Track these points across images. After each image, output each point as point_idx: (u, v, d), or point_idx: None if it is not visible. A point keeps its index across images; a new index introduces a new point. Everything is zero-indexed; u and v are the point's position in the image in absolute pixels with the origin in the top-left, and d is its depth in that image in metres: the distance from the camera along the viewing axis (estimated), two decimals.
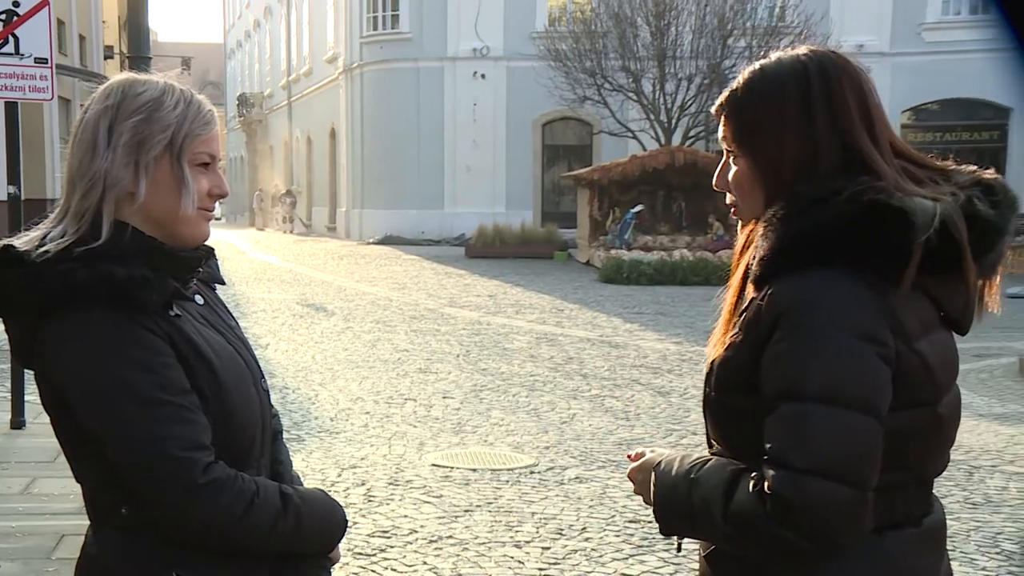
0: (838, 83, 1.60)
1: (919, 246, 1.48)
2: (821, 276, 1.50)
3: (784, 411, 1.48)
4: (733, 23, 25.24)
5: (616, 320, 14.26)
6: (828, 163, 1.57)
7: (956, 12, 30.31)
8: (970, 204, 1.55)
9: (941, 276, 1.54)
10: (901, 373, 1.51)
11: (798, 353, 1.49)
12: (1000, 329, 13.50)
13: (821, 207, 1.51)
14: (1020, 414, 8.40)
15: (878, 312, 1.49)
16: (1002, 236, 1.58)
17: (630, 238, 22.92)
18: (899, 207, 1.49)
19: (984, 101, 30.18)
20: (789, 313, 1.50)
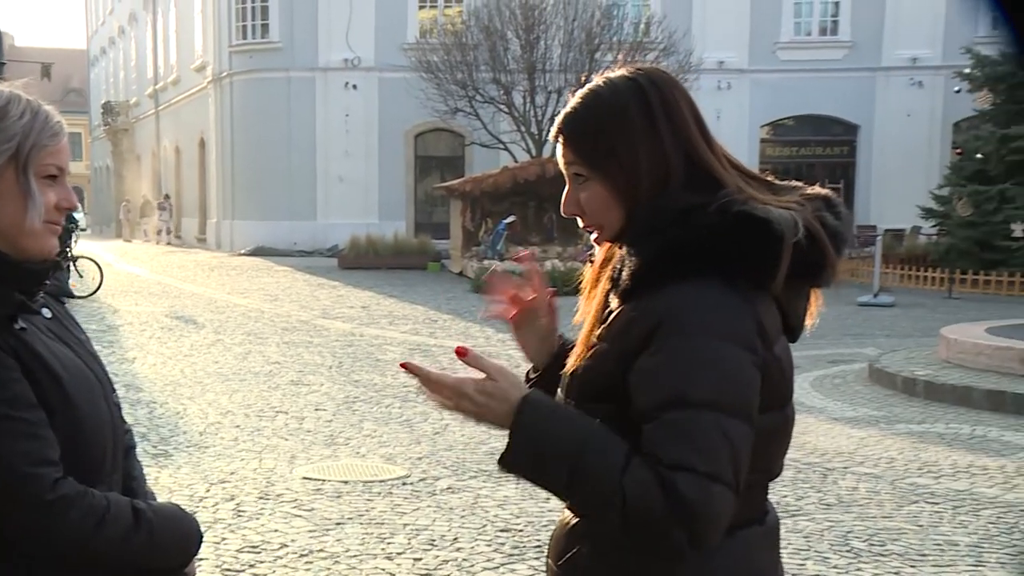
0: (673, 97, 1.63)
1: (788, 254, 1.52)
2: (695, 286, 1.52)
3: (672, 418, 1.49)
4: (600, 38, 25.77)
5: (489, 330, 14.38)
6: (677, 177, 1.60)
7: (807, 33, 31.64)
8: (820, 215, 1.60)
9: (790, 284, 1.57)
10: (764, 378, 1.54)
11: (680, 362, 1.50)
12: (852, 336, 14.13)
13: (691, 218, 1.54)
14: (870, 417, 8.78)
15: (750, 319, 1.53)
16: (846, 245, 1.64)
17: (502, 248, 23.10)
18: (763, 217, 1.53)
19: (835, 118, 31.51)
20: (667, 324, 1.51)
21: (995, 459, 7.29)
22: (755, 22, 30.98)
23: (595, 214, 1.66)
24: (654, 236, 1.56)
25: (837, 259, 1.61)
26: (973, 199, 21.43)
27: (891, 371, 10.27)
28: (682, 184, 1.59)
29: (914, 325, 15.42)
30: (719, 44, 30.36)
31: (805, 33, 31.68)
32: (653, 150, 1.60)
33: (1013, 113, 21.81)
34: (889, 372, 10.27)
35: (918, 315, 16.87)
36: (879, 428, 8.35)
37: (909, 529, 5.69)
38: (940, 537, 5.56)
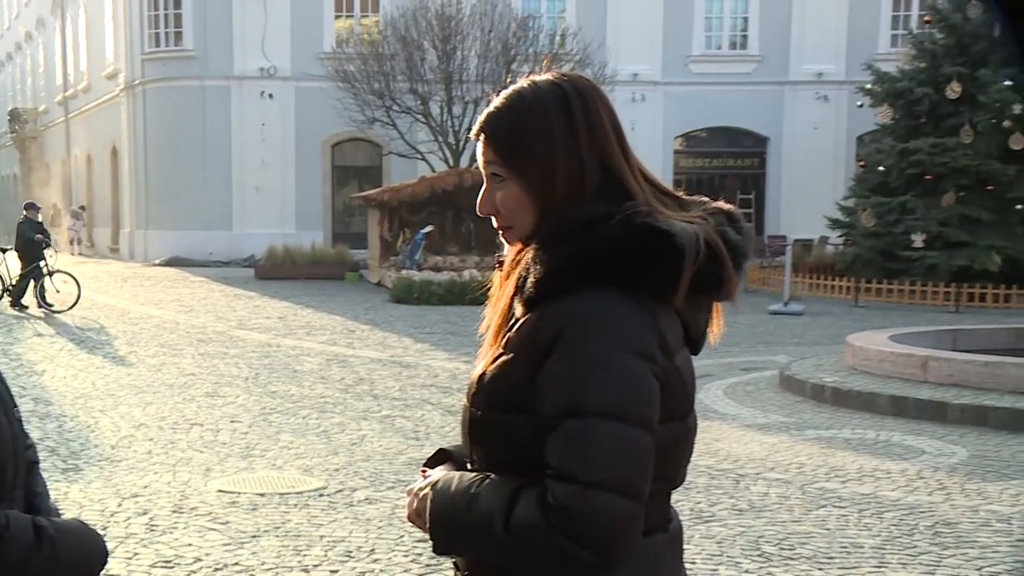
0: (594, 105, 1.65)
1: (690, 267, 1.55)
2: (597, 296, 1.54)
3: (568, 427, 1.51)
4: (516, 49, 25.96)
5: (407, 340, 14.39)
6: (592, 184, 1.62)
7: (718, 47, 32.27)
8: (722, 229, 1.63)
9: (692, 297, 1.60)
10: (665, 388, 1.56)
11: (580, 371, 1.51)
12: (764, 344, 14.43)
13: (595, 229, 1.56)
14: (781, 424, 8.98)
15: (650, 331, 1.55)
16: (746, 260, 1.67)
17: (420, 258, 23.10)
18: (667, 230, 1.55)
19: (746, 130, 32.17)
20: (568, 332, 1.53)
21: (898, 463, 7.51)
22: (667, 36, 31.46)
23: (509, 214, 1.68)
24: (559, 245, 1.57)
25: (737, 274, 1.64)
26: (876, 210, 22.00)
27: (801, 378, 10.50)
28: (595, 192, 1.61)
29: (823, 333, 15.78)
30: (633, 57, 30.75)
31: (716, 47, 32.30)
32: (571, 155, 1.62)
33: (911, 128, 22.46)
34: (799, 379, 10.50)
35: (826, 323, 17.27)
36: (789, 434, 8.54)
37: (817, 533, 5.84)
38: (846, 540, 5.72)
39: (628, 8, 31.00)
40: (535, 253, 1.61)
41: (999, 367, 9.61)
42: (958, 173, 21.23)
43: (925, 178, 21.57)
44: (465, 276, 21.00)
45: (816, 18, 30.93)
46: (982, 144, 21.11)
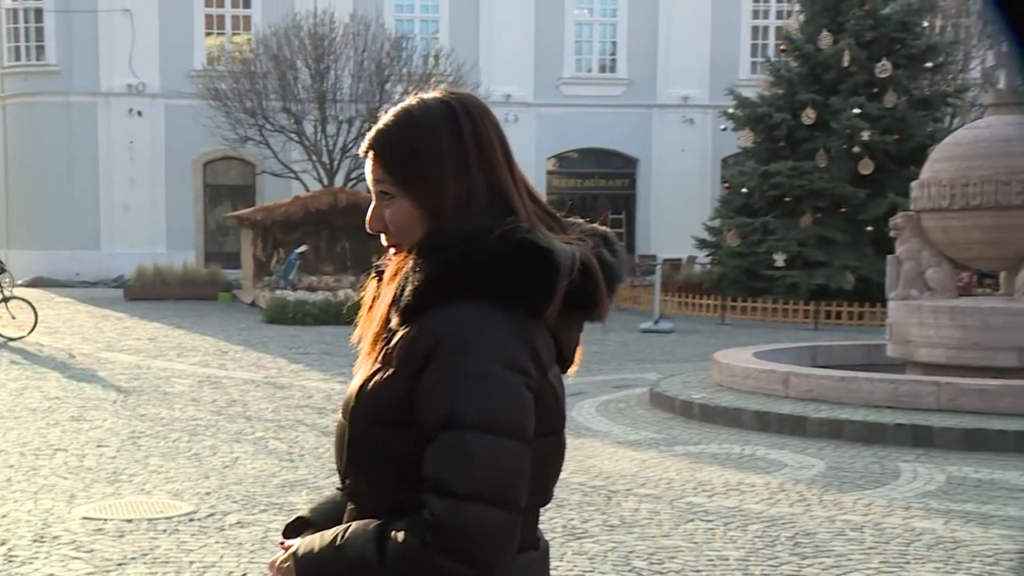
0: (483, 124, 1.66)
1: (564, 284, 1.56)
2: (473, 309, 1.55)
3: (444, 440, 1.52)
4: (390, 69, 26.03)
5: (281, 361, 14.25)
6: (480, 202, 1.63)
7: (588, 69, 32.94)
8: (598, 250, 1.66)
9: (565, 317, 1.62)
10: (539, 402, 1.58)
11: (455, 383, 1.52)
12: (635, 361, 14.73)
13: (473, 243, 1.58)
14: (651, 440, 9.19)
15: (524, 344, 1.56)
16: (620, 282, 1.70)
17: (295, 278, 22.90)
18: (546, 247, 1.57)
19: (616, 151, 32.86)
20: (444, 344, 1.54)
21: (761, 476, 7.79)
22: (539, 58, 31.94)
23: (399, 232, 1.68)
24: (437, 256, 1.59)
25: (610, 295, 1.67)
26: (741, 231, 22.69)
27: (670, 395, 10.75)
28: (482, 209, 1.63)
29: (691, 350, 16.16)
30: (506, 78, 31.13)
31: (586, 70, 32.95)
32: (459, 173, 1.63)
33: (772, 151, 23.31)
34: (668, 396, 10.74)
35: (695, 340, 17.71)
36: (659, 450, 8.74)
37: (685, 546, 6.01)
38: (713, 553, 5.91)
39: (500, 30, 31.38)
40: (413, 264, 1.62)
41: (854, 382, 10.04)
42: (815, 195, 22.10)
43: (785, 200, 22.37)
44: (340, 296, 20.89)
45: (681, 44, 31.83)
46: (836, 168, 22.06)
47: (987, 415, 9.12)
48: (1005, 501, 7.02)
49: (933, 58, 23.77)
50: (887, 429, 8.99)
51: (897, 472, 7.86)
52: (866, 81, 22.44)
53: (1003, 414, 9.11)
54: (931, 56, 23.66)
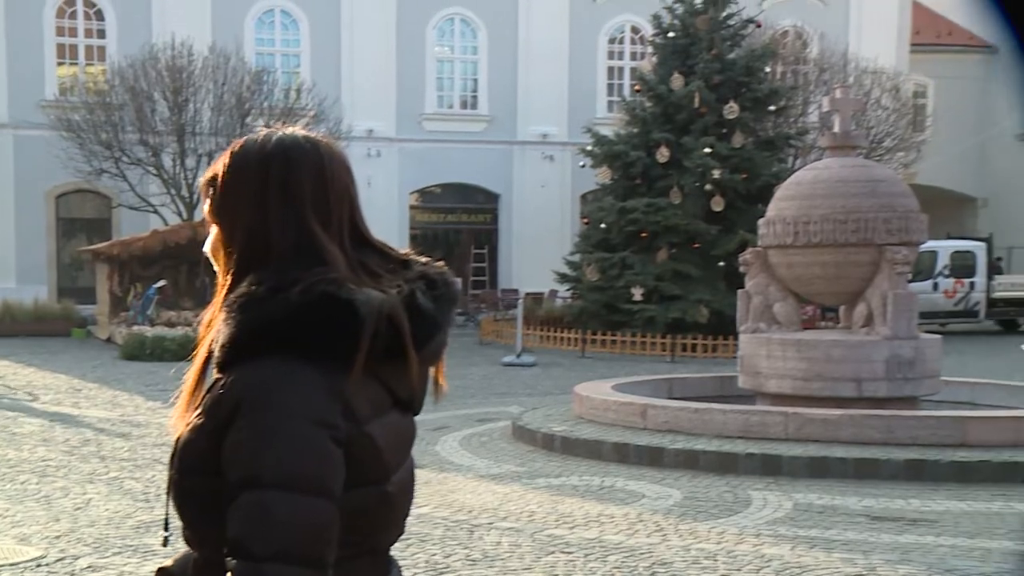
0: (297, 169, 1.63)
1: (367, 336, 1.54)
2: (278, 364, 1.53)
3: (245, 500, 1.49)
4: (251, 102, 25.84)
5: (138, 398, 13.96)
6: (281, 248, 1.61)
7: (449, 105, 33.29)
8: (412, 298, 1.63)
9: (391, 363, 1.61)
10: (352, 455, 1.55)
11: (256, 441, 1.50)
12: (498, 395, 14.92)
13: (278, 297, 1.55)
14: (513, 473, 9.34)
15: (331, 398, 1.53)
16: (439, 328, 1.68)
17: (153, 314, 22.41)
18: (348, 299, 1.54)
19: (478, 187, 33.25)
20: (247, 401, 1.52)
21: (620, 507, 8.02)
22: (401, 93, 32.09)
23: (216, 263, 1.71)
24: (244, 310, 1.57)
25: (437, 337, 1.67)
26: (600, 265, 23.20)
27: (532, 428, 10.92)
28: (289, 257, 1.61)
29: (553, 383, 16.40)
30: (368, 113, 31.18)
31: (448, 106, 33.28)
32: (255, 215, 1.62)
33: (628, 188, 23.95)
34: (530, 429, 10.90)
35: (556, 374, 17.99)
36: (521, 483, 8.89)
37: None
38: None
39: (362, 65, 31.43)
40: (224, 317, 1.60)
41: (708, 413, 10.43)
42: (670, 231, 22.76)
43: (642, 235, 22.97)
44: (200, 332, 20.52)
45: (540, 82, 32.45)
46: (689, 205, 22.81)
47: (830, 443, 9.58)
48: (846, 526, 7.42)
49: (776, 102, 24.93)
50: (739, 458, 9.36)
51: (748, 500, 8.19)
52: (716, 122, 23.32)
53: (844, 442, 9.60)
54: (774, 100, 24.80)
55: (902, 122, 30.32)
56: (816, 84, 28.36)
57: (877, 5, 34.18)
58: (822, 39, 31.13)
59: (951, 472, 8.90)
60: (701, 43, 23.88)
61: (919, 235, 11.24)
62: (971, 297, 28.01)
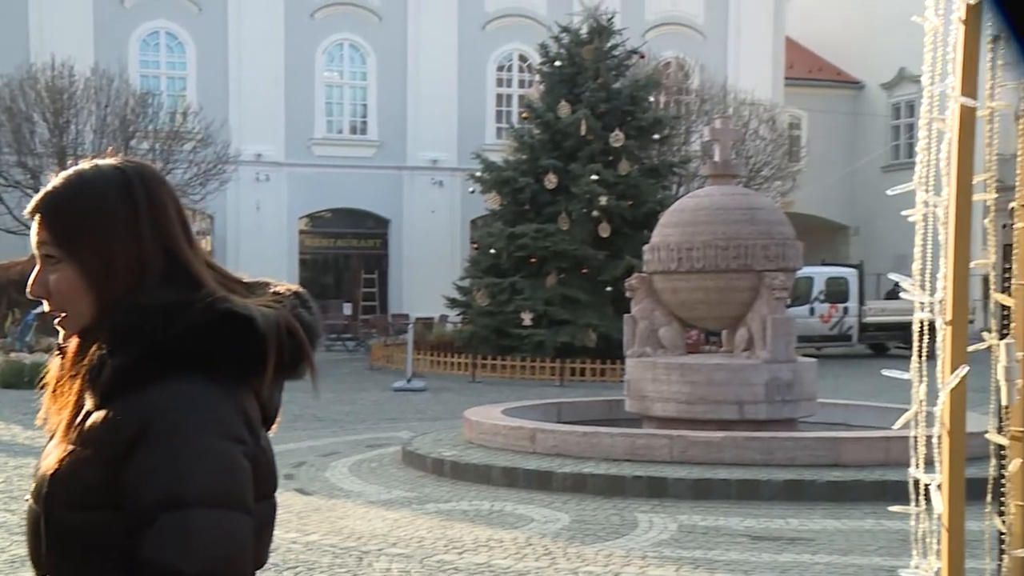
0: (159, 192, 1.63)
1: (273, 351, 1.56)
2: (182, 384, 1.52)
3: (167, 521, 1.47)
4: (135, 125, 25.41)
5: (16, 428, 13.59)
6: (155, 271, 1.60)
7: (339, 131, 33.27)
8: (296, 311, 1.65)
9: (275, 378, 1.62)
10: (255, 468, 1.58)
11: (173, 462, 1.49)
12: (388, 420, 14.91)
13: (175, 316, 1.54)
14: (403, 499, 9.35)
15: (237, 413, 1.55)
16: (319, 339, 1.69)
17: (31, 340, 21.79)
18: (248, 315, 1.55)
19: (368, 212, 33.21)
20: (156, 424, 1.50)
21: (510, 532, 8.12)
22: (290, 118, 31.93)
23: (63, 299, 1.63)
24: (137, 335, 1.55)
25: (313, 353, 1.67)
26: (489, 290, 23.38)
27: (422, 453, 10.96)
28: (161, 281, 1.60)
29: (443, 408, 16.43)
30: (256, 137, 30.93)
31: (337, 131, 33.25)
32: (130, 242, 1.60)
33: (517, 214, 24.24)
34: (420, 454, 10.94)
35: (447, 398, 18.03)
36: (411, 509, 8.91)
37: None
38: None
39: (250, 90, 31.17)
40: (111, 344, 1.57)
41: (595, 437, 10.62)
42: (558, 257, 23.08)
43: (531, 261, 23.23)
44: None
45: (429, 109, 32.63)
46: (577, 231, 23.17)
47: (713, 465, 9.86)
48: (728, 546, 7.66)
49: (659, 130, 25.57)
50: (626, 481, 9.56)
51: (635, 523, 8.37)
52: (602, 149, 23.77)
53: (727, 464, 9.88)
54: (658, 128, 25.43)
55: (779, 152, 31.37)
56: (698, 114, 29.16)
57: (753, 40, 35.37)
58: (703, 71, 32.03)
59: (827, 491, 9.25)
60: (587, 72, 24.35)
61: (795, 261, 11.67)
62: (845, 322, 29.03)
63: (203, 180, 26.30)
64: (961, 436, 2.83)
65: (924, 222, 2.94)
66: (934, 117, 2.97)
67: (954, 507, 2.82)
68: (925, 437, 2.92)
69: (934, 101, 2.99)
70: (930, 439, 2.89)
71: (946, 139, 2.91)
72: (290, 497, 8.95)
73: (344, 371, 22.65)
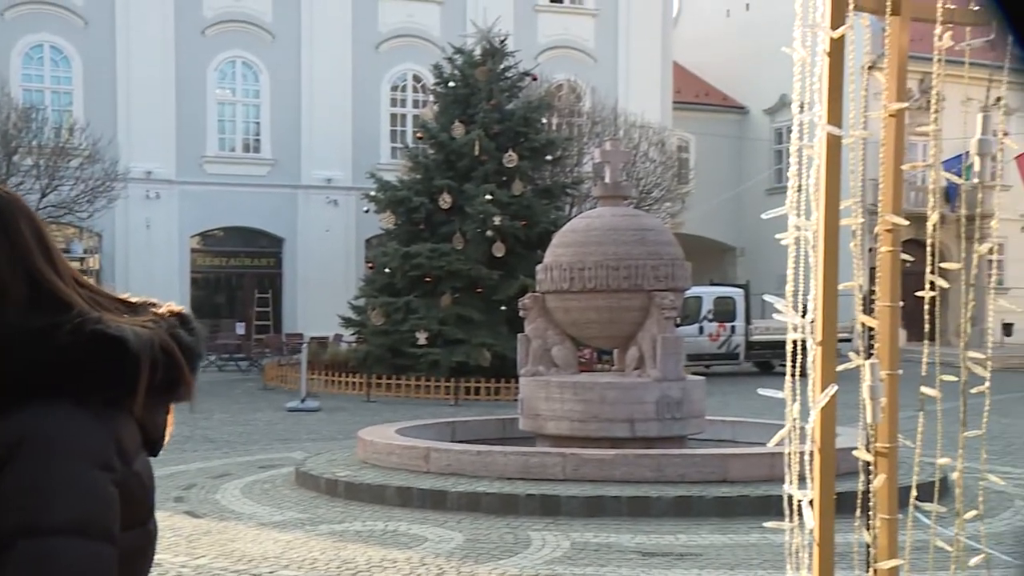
0: (15, 217, 1.60)
1: (146, 372, 1.52)
2: (50, 408, 1.49)
3: (25, 548, 1.43)
4: (18, 140, 24.73)
5: None
6: (16, 296, 1.56)
7: (232, 148, 32.92)
8: (174, 332, 1.62)
9: (148, 400, 1.58)
10: (125, 495, 1.53)
11: (36, 488, 1.45)
12: (281, 441, 14.78)
13: (43, 339, 1.51)
14: (296, 520, 9.31)
15: (107, 439, 1.51)
16: (200, 360, 1.67)
17: None
18: (118, 336, 1.51)
19: (262, 231, 32.87)
20: (22, 449, 1.46)
21: (403, 551, 8.14)
22: (181, 135, 31.45)
23: None
24: (3, 357, 1.51)
25: (192, 375, 1.64)
26: (384, 309, 23.35)
27: (315, 473, 10.91)
28: (24, 304, 1.56)
29: (338, 428, 16.36)
30: (146, 154, 30.40)
31: (230, 149, 32.86)
32: None
33: (412, 233, 24.31)
34: (313, 475, 10.89)
35: (341, 418, 17.94)
36: (304, 530, 8.87)
37: None
38: None
39: (139, 106, 30.64)
40: None
41: (489, 455, 10.71)
42: (453, 276, 23.18)
43: (426, 280, 23.29)
44: None
45: (323, 127, 32.48)
46: (471, 250, 23.32)
47: (605, 483, 10.02)
48: (620, 563, 7.80)
49: (552, 151, 25.92)
50: (519, 500, 9.66)
51: (528, 541, 8.47)
52: (496, 170, 23.97)
53: (619, 481, 10.06)
54: (550, 150, 25.77)
55: (668, 174, 32.03)
56: (589, 136, 29.59)
57: (642, 64, 36.15)
58: (594, 93, 32.53)
59: (715, 507, 9.49)
60: (481, 93, 24.56)
61: (684, 281, 11.95)
62: (732, 340, 29.72)
63: (91, 197, 25.71)
64: (831, 453, 2.97)
65: (796, 245, 3.09)
66: (803, 144, 3.13)
67: (824, 522, 2.95)
68: (798, 454, 3.06)
69: (803, 129, 3.16)
70: (803, 455, 3.03)
71: (815, 165, 3.07)
72: (180, 520, 8.83)
73: (237, 391, 22.36)
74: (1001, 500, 9.47)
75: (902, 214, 3.27)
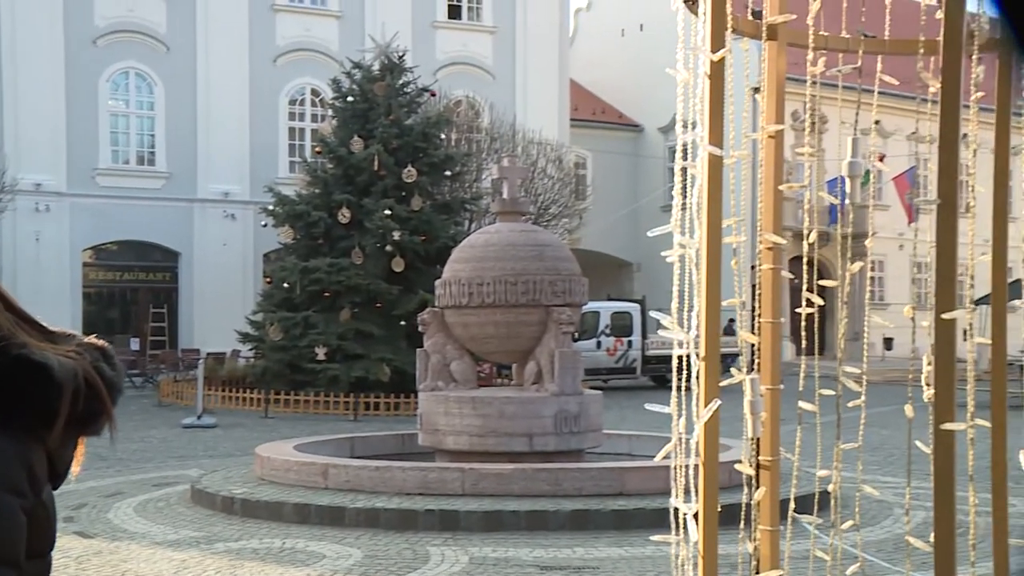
0: None
1: (67, 401, 1.51)
2: None
3: None
4: None
5: None
6: None
7: (126, 161, 32.36)
8: (97, 365, 1.62)
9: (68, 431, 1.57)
10: (31, 524, 1.53)
11: None
12: (177, 458, 14.53)
13: None
14: (191, 539, 9.18)
15: (21, 465, 1.50)
16: (120, 395, 1.66)
17: None
18: (42, 362, 1.50)
19: (156, 244, 32.31)
20: None
21: (301, 569, 8.09)
22: (72, 147, 30.78)
23: None
24: None
25: (113, 408, 1.63)
26: (283, 325, 23.12)
27: (211, 491, 10.75)
28: None
29: (235, 445, 16.15)
30: (35, 166, 29.67)
31: (124, 161, 32.29)
32: None
33: (311, 248, 24.17)
34: (209, 492, 10.73)
35: (239, 435, 17.70)
36: (199, 549, 8.75)
37: None
38: None
39: (27, 117, 29.91)
40: None
41: (388, 471, 10.69)
42: (352, 291, 23.08)
43: (325, 295, 23.15)
44: None
45: (220, 141, 32.11)
46: (371, 265, 23.25)
47: (504, 497, 10.08)
48: None
49: (451, 167, 26.02)
50: (418, 515, 9.66)
51: (427, 556, 8.47)
52: (395, 185, 23.97)
53: (517, 495, 10.12)
54: (449, 165, 25.87)
55: (565, 190, 32.41)
56: (488, 152, 29.79)
57: (540, 82, 36.58)
58: (492, 110, 32.78)
59: (612, 520, 9.61)
60: (379, 108, 24.55)
61: (581, 297, 12.11)
62: (629, 355, 30.10)
63: None
64: (714, 466, 3.08)
65: (680, 262, 3.20)
66: (687, 164, 3.25)
67: (708, 534, 3.05)
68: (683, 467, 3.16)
69: (688, 148, 3.27)
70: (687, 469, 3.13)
71: (698, 184, 3.19)
72: (69, 540, 8.64)
73: (131, 408, 21.87)
74: (882, 509, 9.79)
75: (783, 233, 3.41)
